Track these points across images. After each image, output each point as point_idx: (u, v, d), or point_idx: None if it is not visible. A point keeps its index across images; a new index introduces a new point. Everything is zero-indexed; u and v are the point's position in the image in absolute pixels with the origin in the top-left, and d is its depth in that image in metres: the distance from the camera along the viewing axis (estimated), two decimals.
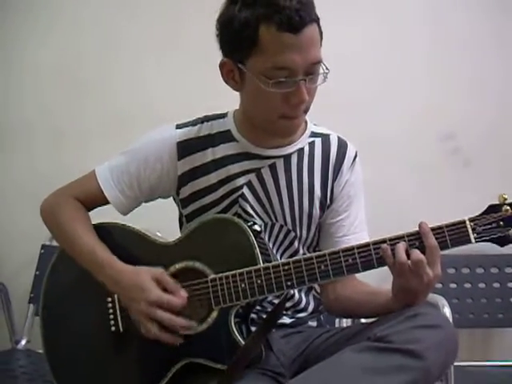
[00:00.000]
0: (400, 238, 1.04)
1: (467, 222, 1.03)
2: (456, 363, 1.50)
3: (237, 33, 1.07)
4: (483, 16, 2.03)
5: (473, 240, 1.02)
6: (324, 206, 1.25)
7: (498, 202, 1.04)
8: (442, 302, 1.56)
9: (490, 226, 1.02)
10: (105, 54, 2.14)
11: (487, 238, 1.02)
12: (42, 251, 1.96)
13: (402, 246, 1.02)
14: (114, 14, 2.13)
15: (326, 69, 1.10)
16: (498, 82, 2.02)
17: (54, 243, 1.94)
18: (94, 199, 1.25)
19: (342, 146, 1.26)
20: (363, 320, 1.40)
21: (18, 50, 2.17)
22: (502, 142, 2.02)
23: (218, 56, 1.15)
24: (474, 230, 1.02)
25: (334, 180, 1.24)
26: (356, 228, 1.26)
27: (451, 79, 2.03)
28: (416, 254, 1.01)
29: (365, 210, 1.29)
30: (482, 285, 1.91)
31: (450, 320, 1.47)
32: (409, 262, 1.01)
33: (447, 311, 1.51)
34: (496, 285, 1.91)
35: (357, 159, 1.27)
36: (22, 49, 2.17)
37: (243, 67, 1.09)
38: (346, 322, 1.72)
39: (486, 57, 2.02)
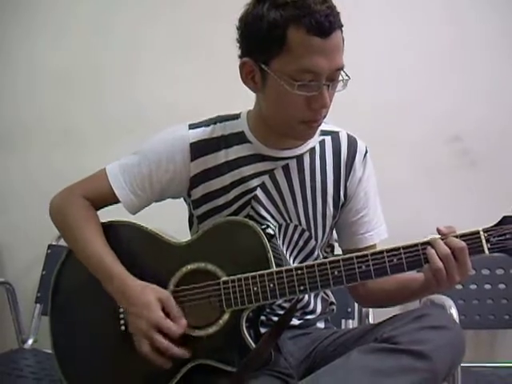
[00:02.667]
0: (414, 246, 1.05)
1: (481, 233, 1.02)
2: (462, 364, 1.51)
3: (264, 32, 1.05)
4: (493, 17, 2.02)
5: (486, 251, 1.02)
6: (337, 204, 1.25)
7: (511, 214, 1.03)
8: (448, 303, 1.55)
9: (503, 238, 1.01)
10: (122, 55, 2.14)
11: (501, 249, 1.02)
12: (49, 251, 1.97)
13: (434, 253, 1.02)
14: (112, 7, 2.13)
15: (347, 76, 1.09)
16: (506, 85, 2.02)
17: (61, 243, 1.95)
18: (104, 198, 1.24)
19: (352, 143, 1.26)
20: (371, 321, 1.42)
21: (29, 51, 2.18)
22: (507, 142, 2.02)
23: (233, 57, 1.15)
24: (487, 240, 1.02)
25: (346, 177, 1.24)
26: (376, 223, 1.27)
27: (460, 82, 2.03)
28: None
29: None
30: (487, 286, 1.90)
31: (457, 321, 1.47)
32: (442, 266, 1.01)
33: (454, 312, 1.51)
34: (502, 286, 1.90)
35: (368, 155, 1.27)
36: (32, 49, 2.17)
37: (267, 68, 1.08)
38: (352, 324, 1.73)
39: (495, 60, 2.02)
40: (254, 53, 1.10)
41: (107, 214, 1.26)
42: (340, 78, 1.09)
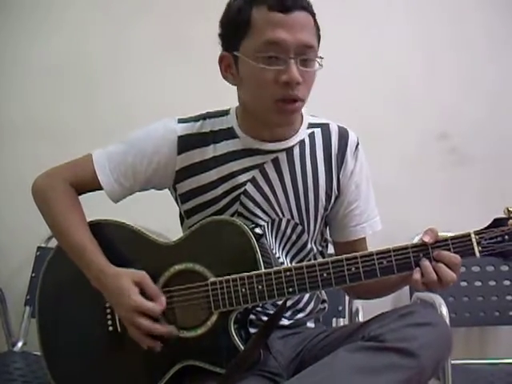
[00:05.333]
0: (404, 249, 1.05)
1: (472, 236, 1.02)
2: (452, 361, 1.53)
3: (232, 20, 1.12)
4: (478, 15, 2.03)
5: (477, 254, 1.02)
6: (329, 197, 1.24)
7: (503, 216, 1.03)
8: (438, 300, 1.56)
9: (495, 240, 1.02)
10: (111, 54, 2.13)
11: (492, 251, 1.02)
12: (38, 253, 1.96)
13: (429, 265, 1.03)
14: (120, 13, 2.12)
15: (320, 57, 1.11)
16: (493, 81, 2.03)
17: (50, 245, 1.94)
18: (88, 184, 1.23)
19: (343, 134, 1.25)
20: (361, 319, 1.42)
21: (18, 50, 2.16)
22: (497, 141, 2.03)
23: (216, 52, 1.16)
24: (478, 243, 1.02)
25: (338, 170, 1.23)
26: (369, 215, 1.27)
27: (447, 78, 2.04)
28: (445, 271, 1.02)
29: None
30: (478, 283, 1.91)
31: (447, 319, 1.47)
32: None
33: (444, 310, 1.51)
34: (492, 283, 1.91)
35: (359, 146, 1.26)
36: (21, 48, 2.15)
37: (238, 53, 1.11)
38: (343, 322, 1.73)
39: (482, 56, 2.03)
40: (227, 44, 1.14)
41: (97, 213, 1.24)
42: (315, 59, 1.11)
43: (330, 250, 1.35)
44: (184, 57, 2.08)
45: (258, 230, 1.15)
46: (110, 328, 1.16)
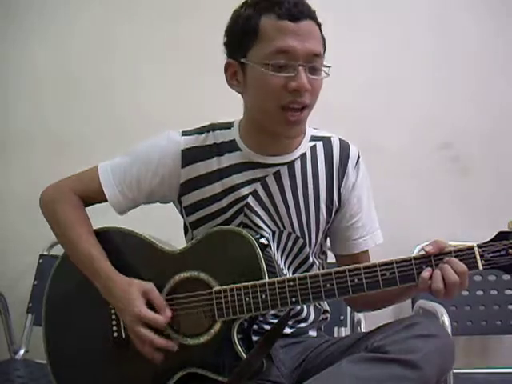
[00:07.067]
0: (407, 260, 1.05)
1: (476, 249, 1.02)
2: (454, 370, 1.53)
3: (241, 28, 1.13)
4: (484, 24, 2.05)
5: (481, 267, 1.02)
6: (331, 210, 1.25)
7: (507, 229, 1.03)
8: (440, 310, 1.56)
9: (498, 254, 1.01)
10: (104, 59, 2.14)
11: (495, 265, 1.02)
12: (40, 261, 1.96)
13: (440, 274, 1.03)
14: (114, 18, 2.14)
15: (326, 66, 1.12)
16: (497, 92, 2.04)
17: (52, 253, 1.95)
18: (93, 196, 1.25)
19: (344, 148, 1.26)
20: (363, 329, 1.42)
21: (32, 59, 2.17)
22: (500, 151, 2.03)
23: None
24: (482, 256, 1.02)
25: (340, 183, 1.24)
26: (371, 228, 1.27)
27: (450, 88, 2.04)
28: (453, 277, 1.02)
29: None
30: (479, 292, 1.91)
31: (449, 328, 1.47)
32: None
33: (446, 319, 1.51)
34: (493, 292, 1.91)
35: (360, 159, 1.26)
36: (34, 57, 2.17)
37: (245, 60, 1.12)
38: (344, 331, 1.72)
39: (487, 66, 2.04)
40: (234, 51, 1.15)
41: (103, 220, 1.25)
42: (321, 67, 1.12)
43: (330, 259, 1.35)
44: (196, 68, 2.07)
45: (263, 241, 1.16)
46: (115, 334, 1.17)
